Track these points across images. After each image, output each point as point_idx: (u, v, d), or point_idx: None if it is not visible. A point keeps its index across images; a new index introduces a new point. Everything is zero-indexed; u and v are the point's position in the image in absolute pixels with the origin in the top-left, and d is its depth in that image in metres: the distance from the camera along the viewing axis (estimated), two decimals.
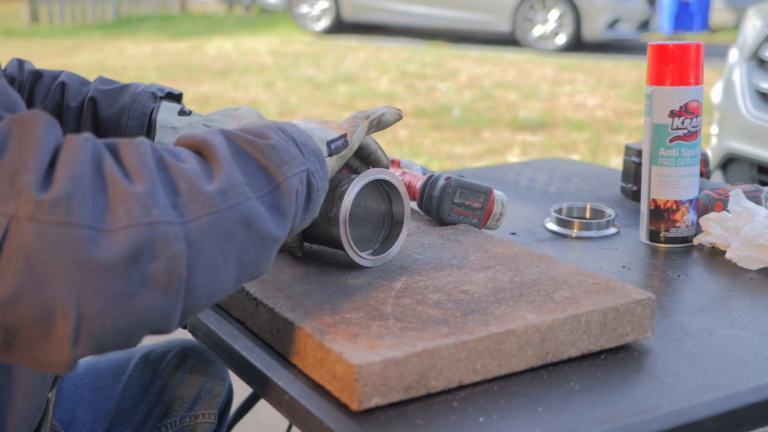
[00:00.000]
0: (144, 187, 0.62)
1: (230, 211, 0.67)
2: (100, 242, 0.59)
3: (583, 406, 0.72)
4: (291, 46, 10.50)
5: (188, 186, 0.65)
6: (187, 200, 0.64)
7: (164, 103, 1.10)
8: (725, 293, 0.99)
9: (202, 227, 0.64)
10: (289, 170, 0.73)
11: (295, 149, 0.76)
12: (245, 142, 0.73)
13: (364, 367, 0.69)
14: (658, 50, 1.12)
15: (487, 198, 1.11)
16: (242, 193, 0.68)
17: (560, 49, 9.86)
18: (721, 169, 3.15)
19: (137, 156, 0.64)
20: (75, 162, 0.60)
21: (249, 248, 0.69)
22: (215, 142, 0.70)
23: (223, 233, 0.66)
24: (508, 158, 5.20)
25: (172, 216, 0.62)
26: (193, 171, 0.66)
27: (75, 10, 13.27)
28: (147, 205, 0.61)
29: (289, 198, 0.73)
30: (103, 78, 1.13)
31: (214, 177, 0.67)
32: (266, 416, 2.33)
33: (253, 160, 0.72)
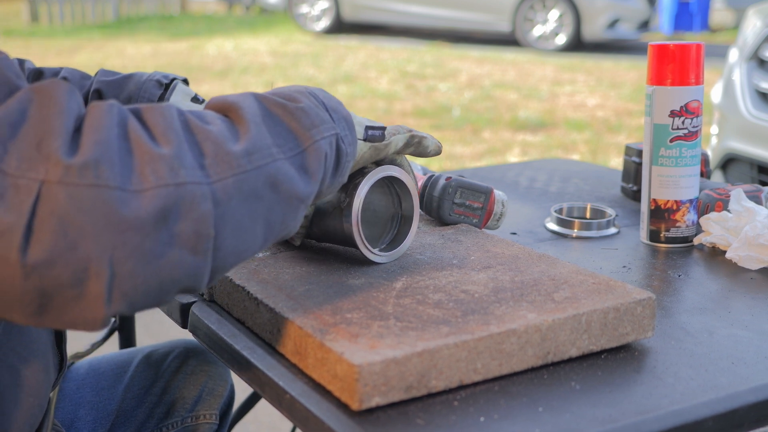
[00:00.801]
0: (170, 149, 0.63)
1: (257, 172, 0.68)
2: (129, 203, 0.60)
3: (583, 405, 0.72)
4: (291, 46, 10.50)
5: (214, 147, 0.66)
6: (213, 161, 0.65)
7: (180, 85, 1.11)
8: (726, 293, 0.99)
9: (228, 187, 0.65)
10: (318, 133, 0.75)
11: (326, 114, 0.77)
12: (275, 105, 0.74)
13: (364, 367, 0.69)
14: (659, 50, 1.12)
15: (487, 198, 1.11)
16: (269, 154, 0.69)
17: (560, 49, 9.86)
18: (721, 169, 3.15)
19: (162, 119, 0.65)
20: (101, 127, 0.61)
21: (276, 208, 0.70)
22: (245, 104, 0.72)
23: (250, 193, 0.67)
24: (508, 158, 5.20)
25: (199, 177, 0.63)
26: (219, 132, 0.67)
27: (75, 10, 13.27)
28: (173, 166, 0.62)
29: (318, 160, 0.74)
30: (105, 70, 1.14)
31: (241, 138, 0.68)
32: (266, 416, 2.33)
33: (283, 123, 0.73)
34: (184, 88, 1.11)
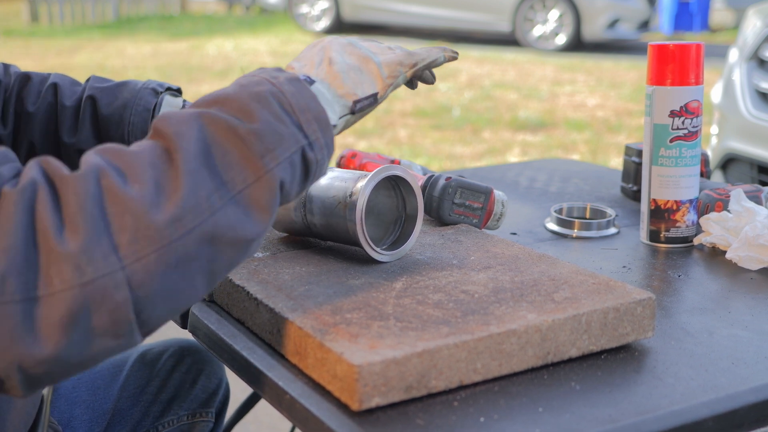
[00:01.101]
0: (78, 242, 0.59)
1: (186, 238, 0.63)
2: (34, 312, 0.58)
3: (583, 406, 0.72)
4: (291, 46, 10.50)
5: (134, 222, 0.61)
6: (132, 239, 0.61)
7: (167, 97, 1.10)
8: (725, 293, 0.99)
9: (149, 266, 0.61)
10: (272, 160, 0.68)
11: (287, 126, 0.70)
12: (224, 131, 0.67)
13: (364, 367, 0.69)
14: (659, 50, 1.12)
15: (487, 198, 1.11)
16: (205, 209, 0.64)
17: (560, 49, 9.86)
18: (721, 169, 3.15)
19: (75, 198, 0.61)
20: (9, 229, 0.59)
21: (218, 258, 0.66)
22: (184, 141, 0.65)
23: (180, 260, 0.63)
24: (508, 158, 5.20)
25: (113, 263, 0.60)
26: (141, 199, 0.62)
27: (75, 10, 13.27)
28: (80, 264, 0.59)
29: (271, 191, 0.68)
30: (97, 77, 1.13)
31: (169, 199, 0.63)
32: (266, 416, 2.33)
33: (230, 152, 0.67)
34: (171, 100, 1.10)
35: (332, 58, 0.83)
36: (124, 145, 0.67)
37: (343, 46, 0.85)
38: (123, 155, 0.65)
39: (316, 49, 0.86)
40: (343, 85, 0.82)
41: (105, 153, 0.65)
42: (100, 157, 0.64)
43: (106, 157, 0.65)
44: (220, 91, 0.73)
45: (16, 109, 1.10)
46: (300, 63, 0.84)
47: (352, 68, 0.83)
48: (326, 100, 0.80)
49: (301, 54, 0.87)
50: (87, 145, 1.09)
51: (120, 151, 0.66)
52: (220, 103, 0.70)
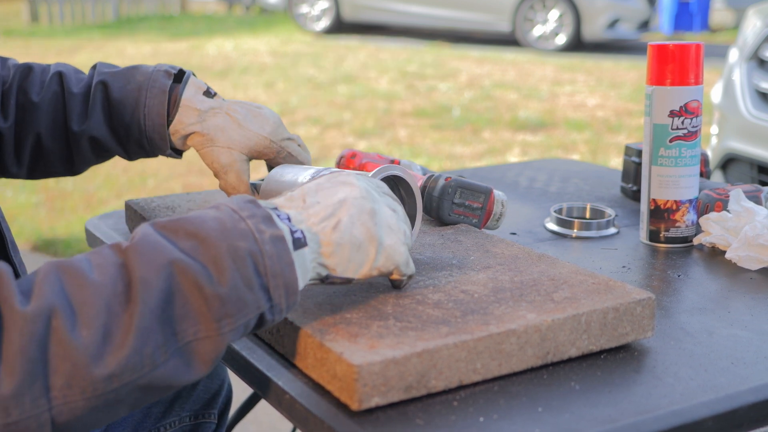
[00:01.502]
0: (10, 386, 0.60)
1: (119, 390, 0.64)
2: None
3: (583, 405, 0.72)
4: (291, 46, 10.50)
5: (72, 370, 0.61)
6: (66, 384, 0.62)
7: (193, 78, 1.09)
8: (725, 293, 0.99)
9: (76, 410, 0.62)
10: (228, 325, 0.67)
11: (254, 292, 0.69)
12: (191, 286, 0.66)
13: (364, 367, 0.69)
14: (658, 50, 1.12)
15: (487, 198, 1.11)
16: (146, 365, 0.64)
17: (560, 49, 9.86)
18: (721, 169, 3.15)
19: (18, 339, 0.60)
20: None
21: (147, 398, 0.67)
22: (148, 290, 0.64)
23: (108, 404, 0.64)
24: (508, 158, 5.20)
25: (41, 405, 0.61)
26: (84, 349, 0.62)
27: (75, 10, 13.27)
28: (7, 406, 0.60)
29: (216, 350, 0.68)
30: (104, 63, 1.13)
31: (113, 353, 0.63)
32: (266, 416, 2.33)
33: (190, 306, 0.66)
34: (196, 81, 1.10)
35: (341, 222, 0.76)
36: (84, 265, 0.66)
37: (360, 213, 0.78)
38: (83, 288, 0.64)
39: (336, 197, 0.78)
40: (331, 256, 0.76)
41: (66, 278, 0.64)
42: (59, 285, 0.63)
43: (66, 285, 0.64)
44: (203, 221, 0.70)
45: (18, 100, 1.10)
46: (314, 199, 0.78)
47: (353, 245, 0.77)
48: (303, 269, 0.74)
49: (323, 184, 0.80)
50: (98, 131, 1.09)
51: (81, 279, 0.64)
52: (199, 241, 0.68)
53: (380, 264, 0.79)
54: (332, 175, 0.82)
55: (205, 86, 1.10)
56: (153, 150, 1.11)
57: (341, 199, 0.78)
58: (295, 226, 0.74)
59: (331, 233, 0.76)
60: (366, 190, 0.80)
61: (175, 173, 4.76)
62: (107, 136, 1.10)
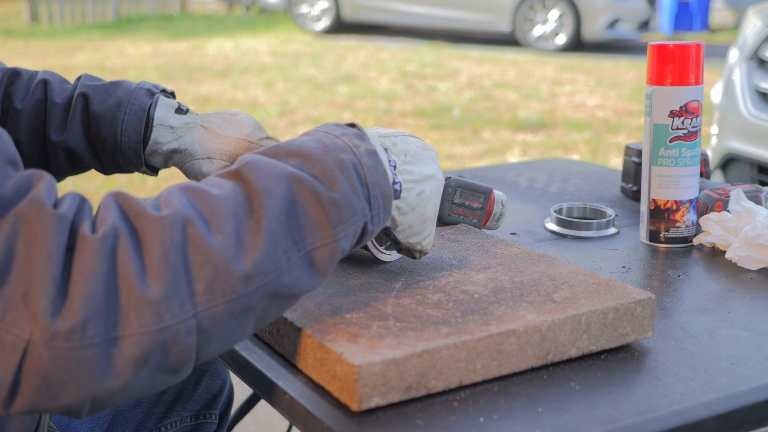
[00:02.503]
0: (160, 290, 0.62)
1: (253, 293, 0.67)
2: (111, 351, 0.61)
3: (583, 406, 0.72)
4: (291, 46, 10.50)
5: (212, 273, 0.64)
6: (208, 289, 0.64)
7: (162, 98, 1.09)
8: (725, 293, 0.99)
9: (217, 315, 0.65)
10: (342, 231, 0.72)
11: (360, 200, 0.74)
12: (308, 194, 0.70)
13: (364, 368, 0.69)
14: (658, 50, 1.12)
15: (487, 198, 1.11)
16: (276, 268, 0.67)
17: (560, 49, 9.86)
18: (721, 169, 3.14)
19: (160, 246, 0.63)
20: (90, 276, 0.61)
21: (273, 309, 0.70)
22: (270, 198, 0.68)
23: (243, 310, 0.67)
24: (508, 158, 5.20)
25: (187, 310, 0.63)
26: (222, 252, 0.65)
27: (75, 10, 13.27)
28: (159, 311, 0.62)
29: (333, 258, 0.72)
30: (89, 75, 1.13)
31: (247, 255, 0.66)
32: (266, 416, 2.33)
33: (309, 214, 0.70)
34: (166, 100, 1.09)
35: (424, 192, 0.84)
36: (205, 186, 0.69)
37: (436, 195, 0.86)
38: (208, 200, 0.67)
39: (426, 170, 0.85)
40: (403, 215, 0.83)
41: (190, 194, 0.68)
42: (186, 199, 0.67)
43: (191, 199, 0.67)
44: (301, 143, 0.75)
45: (4, 104, 1.09)
46: (411, 159, 0.84)
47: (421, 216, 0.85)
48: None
49: (419, 150, 0.86)
50: (75, 143, 1.09)
51: (204, 193, 0.68)
52: (303, 158, 0.73)
53: (425, 244, 0.86)
54: (425, 145, 0.87)
55: (176, 104, 1.10)
56: (127, 166, 1.10)
57: (430, 175, 0.85)
58: (397, 176, 0.81)
59: (415, 197, 0.83)
60: (441, 177, 0.87)
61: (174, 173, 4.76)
62: (84, 149, 1.09)
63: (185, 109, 1.10)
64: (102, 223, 0.63)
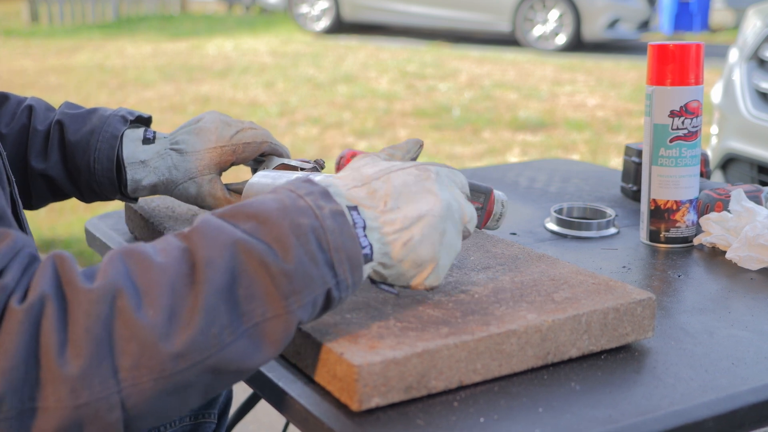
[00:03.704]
0: (78, 366, 0.60)
1: (187, 371, 0.63)
2: (28, 423, 0.60)
3: (583, 406, 0.72)
4: (291, 46, 10.50)
5: (139, 349, 0.61)
6: (134, 365, 0.61)
7: (127, 133, 1.08)
8: (726, 293, 0.99)
9: (146, 392, 0.62)
10: (296, 302, 0.67)
11: (318, 267, 0.68)
12: (256, 264, 0.66)
13: (364, 368, 0.69)
14: (658, 50, 1.12)
15: (487, 198, 1.11)
16: (213, 345, 0.64)
17: (560, 49, 9.86)
18: (721, 169, 3.15)
19: (84, 320, 0.61)
20: (11, 349, 0.59)
21: (217, 384, 0.67)
22: (213, 269, 0.65)
23: (177, 387, 0.64)
24: (508, 158, 5.20)
25: (110, 386, 0.61)
26: (151, 329, 0.62)
27: (75, 10, 13.27)
28: (76, 388, 0.60)
29: (287, 330, 0.68)
30: (70, 103, 1.12)
31: (179, 333, 0.63)
32: (266, 416, 2.33)
33: (256, 286, 0.66)
34: (131, 133, 1.08)
35: (412, 240, 0.75)
36: (149, 249, 0.66)
37: (432, 233, 0.76)
38: (148, 269, 0.64)
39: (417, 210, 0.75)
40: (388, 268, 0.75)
41: (130, 261, 0.65)
42: (124, 267, 0.64)
43: (131, 267, 0.64)
44: (261, 203, 0.70)
45: None
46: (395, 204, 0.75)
47: (414, 263, 0.76)
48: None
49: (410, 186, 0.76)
50: (55, 171, 1.08)
51: (146, 262, 0.65)
52: (260, 222, 0.68)
53: (429, 282, 0.77)
54: (420, 174, 0.78)
55: (141, 134, 1.08)
56: (104, 193, 1.09)
57: (421, 215, 0.75)
58: (366, 239, 0.73)
59: (400, 249, 0.74)
60: (446, 205, 0.77)
61: None
62: (63, 178, 1.09)
63: (151, 136, 1.08)
64: (32, 290, 0.61)
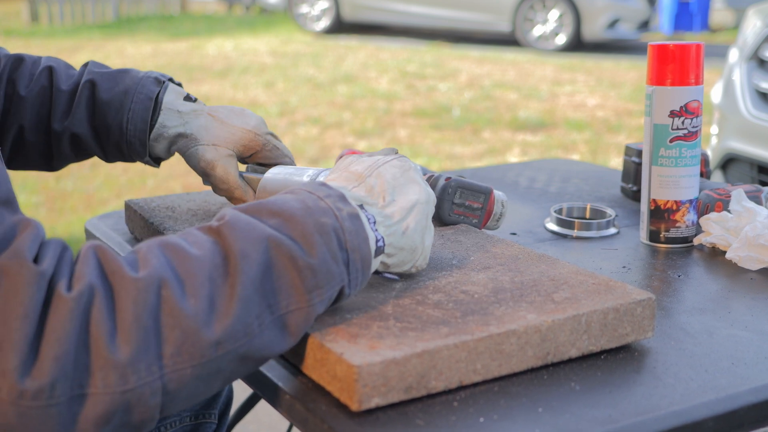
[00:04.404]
0: (128, 353, 0.62)
1: (223, 358, 0.66)
2: (75, 409, 0.61)
3: (583, 406, 0.72)
4: (291, 46, 10.50)
5: (182, 337, 0.64)
6: (176, 352, 0.64)
7: (171, 85, 1.10)
8: (726, 293, 0.99)
9: (184, 377, 0.65)
10: (317, 296, 0.71)
11: (338, 265, 0.73)
12: (286, 258, 0.70)
13: (364, 368, 0.69)
14: (659, 50, 1.12)
15: (487, 198, 1.11)
16: (246, 333, 0.67)
17: (560, 49, 9.86)
18: (721, 169, 3.15)
19: (132, 308, 0.63)
20: (62, 336, 0.60)
21: (241, 371, 0.70)
22: (248, 262, 0.68)
23: (210, 373, 0.67)
24: (508, 158, 5.20)
25: (154, 372, 0.63)
26: (194, 315, 0.65)
27: (75, 10, 13.27)
28: (125, 373, 0.62)
29: (307, 322, 0.72)
30: (96, 62, 1.13)
31: (218, 320, 0.66)
32: (266, 416, 2.33)
33: (285, 278, 0.70)
34: (176, 88, 1.11)
35: (409, 229, 0.82)
36: (182, 242, 0.68)
37: (422, 219, 0.83)
38: (186, 260, 0.67)
39: (409, 199, 0.82)
40: (391, 256, 0.82)
41: (169, 252, 0.67)
42: (164, 258, 0.66)
43: (170, 258, 0.67)
44: (284, 201, 0.74)
45: (7, 91, 1.10)
46: (391, 197, 0.82)
47: (410, 248, 0.83)
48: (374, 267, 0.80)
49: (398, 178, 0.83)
50: (80, 129, 1.09)
51: (183, 252, 0.67)
52: (284, 219, 0.72)
53: (419, 263, 0.85)
54: (402, 165, 0.84)
55: (184, 93, 1.11)
56: (131, 155, 1.11)
57: (413, 204, 0.82)
58: (379, 232, 0.79)
59: (400, 238, 0.81)
60: (427, 192, 0.84)
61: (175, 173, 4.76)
62: (88, 135, 1.10)
63: (194, 98, 1.11)
64: (78, 279, 0.63)
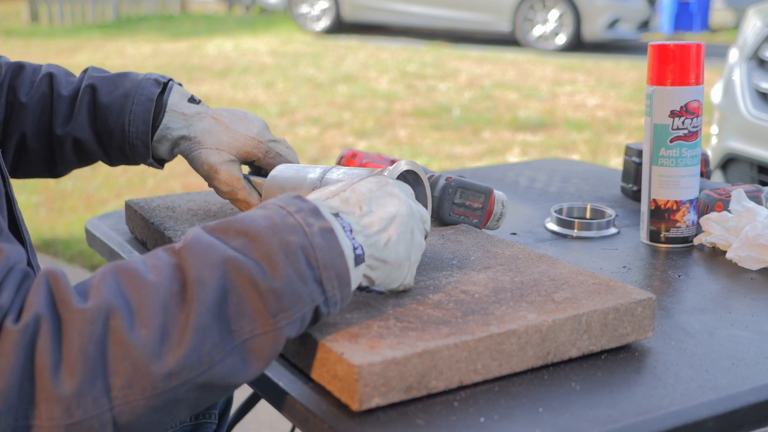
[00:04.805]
0: (72, 386, 0.61)
1: (178, 388, 0.64)
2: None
3: (583, 406, 0.72)
4: (291, 46, 10.50)
5: (132, 369, 0.62)
6: (126, 384, 0.62)
7: (176, 87, 1.11)
8: (726, 293, 0.99)
9: (137, 409, 0.63)
10: (284, 319, 0.68)
11: (307, 285, 0.69)
12: (246, 282, 0.67)
13: (364, 368, 0.69)
14: (659, 50, 1.12)
15: (487, 198, 1.11)
16: (204, 363, 0.65)
17: (560, 49, 9.86)
18: (721, 169, 3.14)
19: (78, 339, 0.62)
20: (6, 370, 0.60)
21: (206, 399, 0.68)
22: (204, 289, 0.65)
23: (168, 404, 0.65)
24: (508, 158, 5.20)
25: (102, 405, 0.62)
26: (143, 348, 0.63)
27: (75, 10, 13.26)
28: (70, 407, 0.61)
29: (274, 346, 0.68)
30: (95, 67, 1.14)
31: (171, 351, 0.64)
32: (266, 416, 2.33)
33: (245, 303, 0.67)
34: (181, 89, 1.11)
35: (391, 240, 0.78)
36: (140, 267, 0.67)
37: (405, 233, 0.79)
38: (139, 288, 0.65)
39: (388, 211, 0.78)
40: (375, 270, 0.77)
41: (123, 279, 0.65)
42: (116, 285, 0.65)
43: (123, 285, 0.65)
44: (252, 219, 0.71)
45: (8, 99, 1.10)
46: (368, 208, 0.78)
47: (395, 263, 0.78)
48: (355, 280, 0.76)
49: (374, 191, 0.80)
50: (82, 134, 1.09)
51: (137, 279, 0.65)
52: (250, 239, 0.69)
53: (407, 281, 0.81)
54: (379, 181, 0.82)
55: (189, 94, 1.11)
56: (134, 157, 1.11)
57: (392, 215, 0.78)
58: (356, 240, 0.75)
59: (382, 249, 0.77)
60: (408, 205, 0.81)
61: (175, 173, 4.76)
62: (90, 139, 1.10)
63: (198, 100, 1.11)
64: (27, 310, 0.62)
